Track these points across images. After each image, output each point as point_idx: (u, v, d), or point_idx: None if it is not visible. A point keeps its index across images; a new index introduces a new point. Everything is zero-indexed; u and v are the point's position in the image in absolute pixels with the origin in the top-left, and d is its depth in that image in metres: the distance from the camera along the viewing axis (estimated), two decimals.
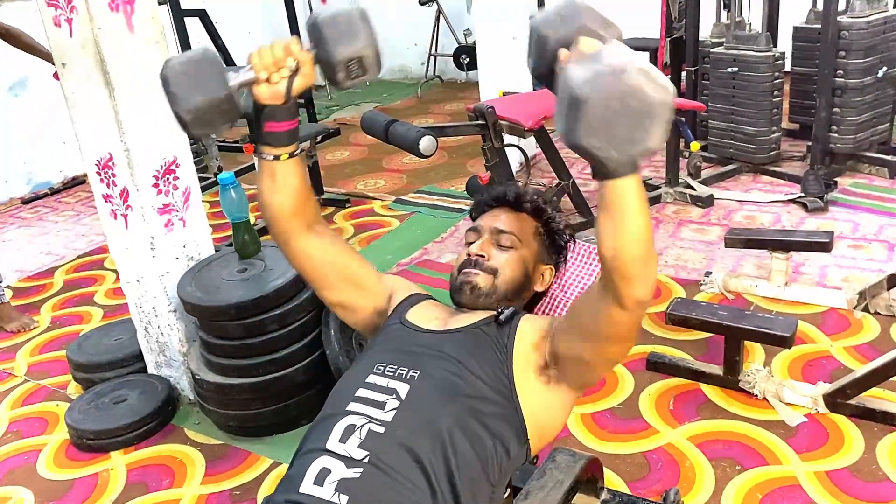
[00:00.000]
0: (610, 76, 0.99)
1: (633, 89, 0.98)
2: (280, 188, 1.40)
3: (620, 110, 0.99)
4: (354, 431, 1.24)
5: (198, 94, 1.23)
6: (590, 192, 4.29)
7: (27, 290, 3.96)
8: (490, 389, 1.31)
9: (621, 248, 1.11)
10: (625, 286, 1.14)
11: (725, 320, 2.42)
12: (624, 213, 1.09)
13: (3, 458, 2.63)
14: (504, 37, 4.46)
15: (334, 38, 1.26)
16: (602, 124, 1.00)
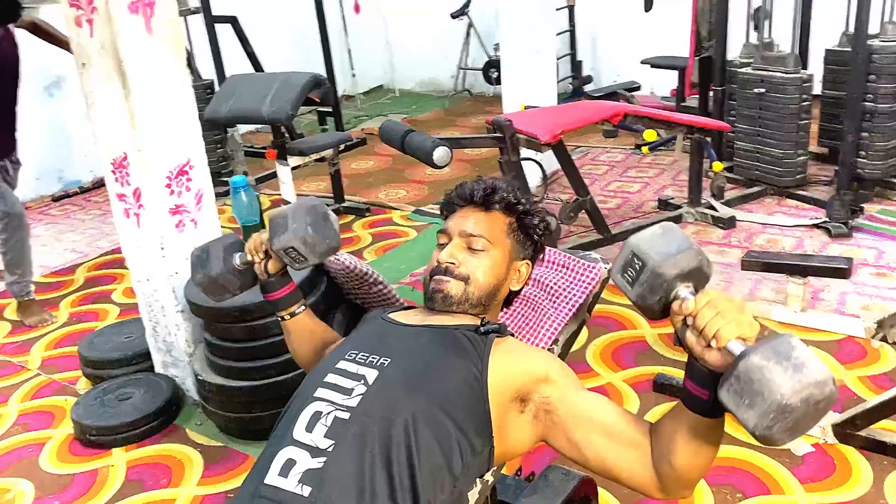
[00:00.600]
0: (816, 388, 0.97)
1: (830, 401, 0.98)
2: (297, 339, 1.64)
3: (811, 415, 0.99)
4: (320, 419, 1.22)
5: (206, 270, 1.58)
6: (609, 209, 4.26)
7: (49, 286, 4.02)
8: (461, 384, 1.27)
9: (692, 473, 1.15)
10: (676, 489, 1.18)
11: None
12: (709, 448, 1.12)
13: (8, 449, 2.66)
14: (528, 50, 4.45)
15: (272, 232, 1.50)
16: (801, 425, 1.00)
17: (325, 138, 4.42)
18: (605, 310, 3.19)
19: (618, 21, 6.41)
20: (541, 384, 1.29)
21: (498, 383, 1.30)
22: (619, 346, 2.93)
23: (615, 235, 3.82)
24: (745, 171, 4.30)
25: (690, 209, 4.03)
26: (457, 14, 6.98)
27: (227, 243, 1.60)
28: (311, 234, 1.47)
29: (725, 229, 3.87)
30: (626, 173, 4.92)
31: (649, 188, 4.59)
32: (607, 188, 4.68)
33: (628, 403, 2.57)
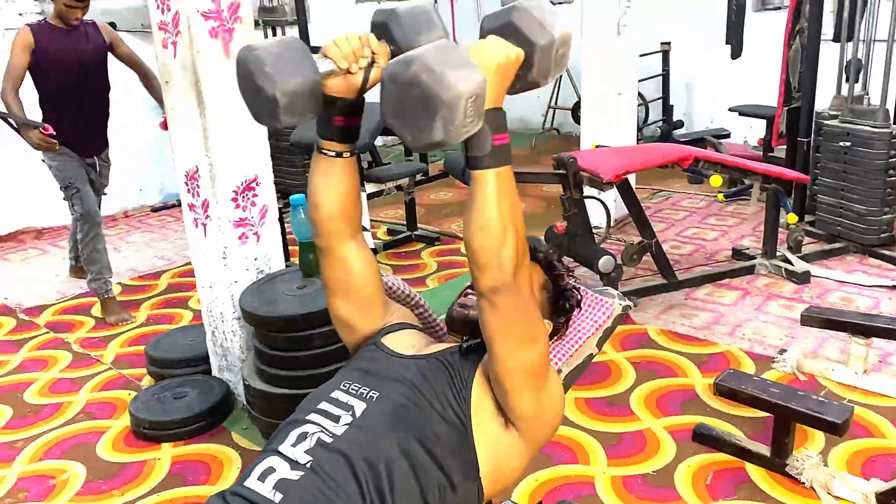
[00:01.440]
0: (400, 64, 1.10)
1: (414, 80, 1.08)
2: (336, 186, 1.41)
3: (406, 97, 1.10)
4: (306, 438, 1.29)
5: (293, 75, 1.21)
6: (680, 255, 4.18)
7: (134, 289, 4.29)
8: (442, 419, 1.32)
9: (471, 234, 1.20)
10: (478, 275, 1.22)
11: (774, 398, 2.29)
12: (476, 202, 1.19)
13: (72, 434, 2.85)
14: (609, 92, 4.47)
15: (413, 30, 1.30)
16: (396, 108, 1.12)
17: (402, 168, 4.55)
18: (656, 355, 3.14)
19: (712, 67, 6.32)
20: None
21: (480, 399, 1.34)
22: (666, 392, 2.87)
23: (681, 282, 3.75)
24: (826, 226, 4.14)
25: (764, 261, 3.91)
26: None
27: (300, 43, 1.27)
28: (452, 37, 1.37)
29: (799, 284, 3.73)
30: (706, 220, 4.82)
31: (726, 237, 4.48)
32: (683, 234, 4.59)
33: (664, 450, 2.52)
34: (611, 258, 3.35)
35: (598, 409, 2.79)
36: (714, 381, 2.45)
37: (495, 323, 1.26)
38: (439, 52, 1.11)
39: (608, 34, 4.37)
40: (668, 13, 6.53)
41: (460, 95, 1.08)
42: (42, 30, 3.61)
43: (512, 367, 1.29)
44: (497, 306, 1.24)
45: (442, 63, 1.09)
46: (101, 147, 3.92)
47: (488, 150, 1.18)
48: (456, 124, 1.10)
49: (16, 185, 5.05)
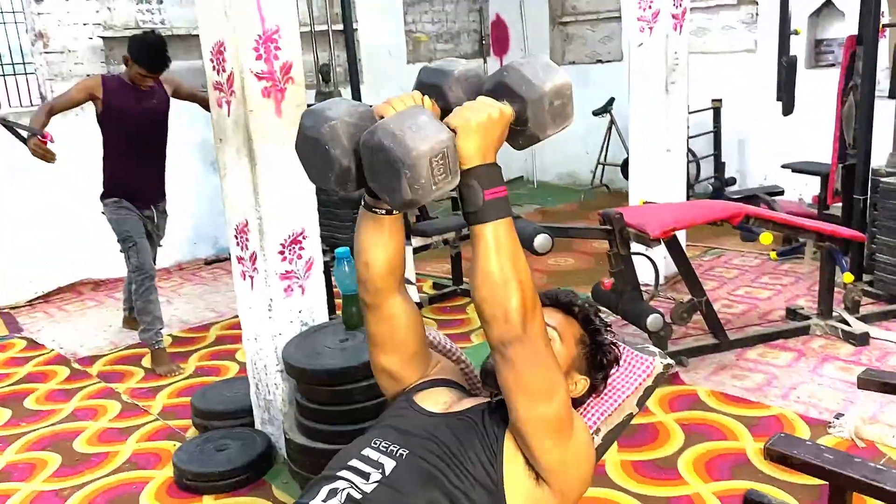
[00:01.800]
0: (369, 134, 1.21)
1: (377, 146, 1.19)
2: (385, 244, 1.44)
3: (375, 162, 1.20)
4: (337, 495, 1.29)
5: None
6: (732, 314, 4.09)
7: (184, 340, 4.37)
8: (472, 478, 1.30)
9: (474, 287, 1.25)
10: (485, 326, 1.26)
11: (829, 464, 2.18)
12: (476, 257, 1.25)
13: (117, 483, 2.88)
14: (658, 149, 4.45)
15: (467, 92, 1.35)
16: (371, 172, 1.22)
17: (448, 222, 4.58)
18: (706, 417, 3.04)
19: (766, 124, 6.26)
20: None
21: (511, 455, 1.32)
22: (716, 456, 2.77)
23: (733, 341, 3.65)
24: (886, 286, 4.00)
25: (819, 321, 3.79)
26: (599, 112, 7.08)
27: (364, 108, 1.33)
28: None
29: (857, 346, 3.60)
30: (759, 279, 4.71)
31: (780, 296, 4.37)
32: (735, 292, 4.49)
33: None
34: (659, 316, 3.29)
35: (644, 472, 2.70)
36: (765, 444, 2.36)
37: (509, 376, 1.27)
38: (401, 117, 1.21)
39: (656, 91, 4.37)
40: (720, 70, 6.53)
41: (421, 155, 1.16)
42: (114, 83, 3.78)
43: (529, 420, 1.28)
44: (508, 359, 1.25)
45: (402, 127, 1.18)
46: (159, 199, 4.06)
47: (481, 205, 1.23)
48: (422, 183, 1.17)
49: (75, 238, 5.23)
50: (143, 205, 3.95)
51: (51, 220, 5.18)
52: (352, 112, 1.31)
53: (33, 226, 5.14)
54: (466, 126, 1.23)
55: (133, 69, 3.70)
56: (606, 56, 7.67)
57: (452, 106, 1.32)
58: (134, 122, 3.78)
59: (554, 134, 1.33)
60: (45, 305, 5.16)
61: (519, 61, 1.31)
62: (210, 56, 2.69)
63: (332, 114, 1.30)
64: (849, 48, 4.21)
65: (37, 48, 5.14)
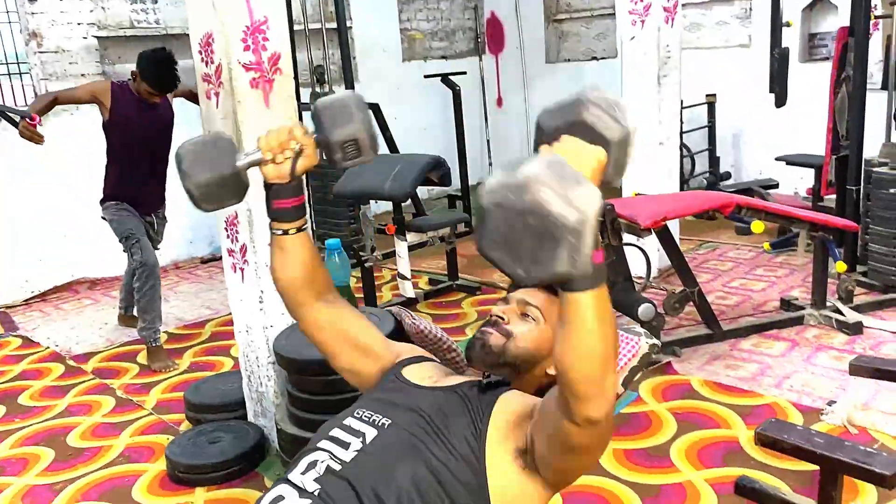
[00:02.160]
0: (512, 189, 0.95)
1: (533, 207, 0.94)
2: (290, 261, 1.50)
3: (521, 228, 0.96)
4: (315, 466, 1.29)
5: (206, 171, 1.36)
6: (726, 305, 4.09)
7: (180, 337, 4.37)
8: (455, 452, 1.29)
9: (572, 364, 1.08)
10: (575, 403, 1.11)
11: (819, 448, 2.18)
12: (577, 329, 1.06)
13: (109, 477, 2.88)
14: (651, 142, 4.45)
15: (330, 122, 1.37)
16: (503, 239, 0.97)
17: (443, 218, 4.58)
18: (699, 406, 3.04)
19: (760, 118, 6.26)
20: (529, 423, 1.30)
21: (497, 437, 1.31)
22: (708, 444, 2.77)
23: (726, 332, 3.65)
24: (879, 276, 4.00)
25: (813, 311, 3.79)
26: None
27: (221, 139, 1.43)
28: (373, 126, 1.38)
29: (850, 335, 3.60)
30: (753, 271, 4.71)
31: (774, 287, 4.37)
32: (729, 284, 4.49)
33: (705, 503, 2.42)
34: (651, 306, 3.29)
35: (636, 460, 2.70)
36: (756, 430, 2.36)
37: (577, 446, 1.19)
38: (552, 169, 0.97)
39: (648, 84, 4.38)
40: (714, 65, 6.53)
41: (587, 220, 0.95)
42: (122, 93, 3.80)
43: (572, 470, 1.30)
44: (589, 436, 1.17)
45: (561, 183, 0.96)
46: (160, 206, 4.08)
47: (590, 270, 1.02)
48: (583, 252, 0.97)
49: (72, 238, 5.23)
50: (144, 211, 3.97)
51: (47, 220, 5.18)
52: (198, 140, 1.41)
53: (30, 225, 5.14)
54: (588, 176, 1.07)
55: (141, 85, 3.72)
56: (601, 53, 7.67)
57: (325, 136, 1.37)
58: (139, 132, 3.80)
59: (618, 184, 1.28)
60: (42, 304, 5.16)
61: (592, 95, 1.16)
62: (199, 48, 2.70)
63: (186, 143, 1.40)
64: (841, 39, 4.22)
65: (31, 48, 5.15)
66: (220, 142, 1.42)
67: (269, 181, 1.43)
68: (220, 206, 1.44)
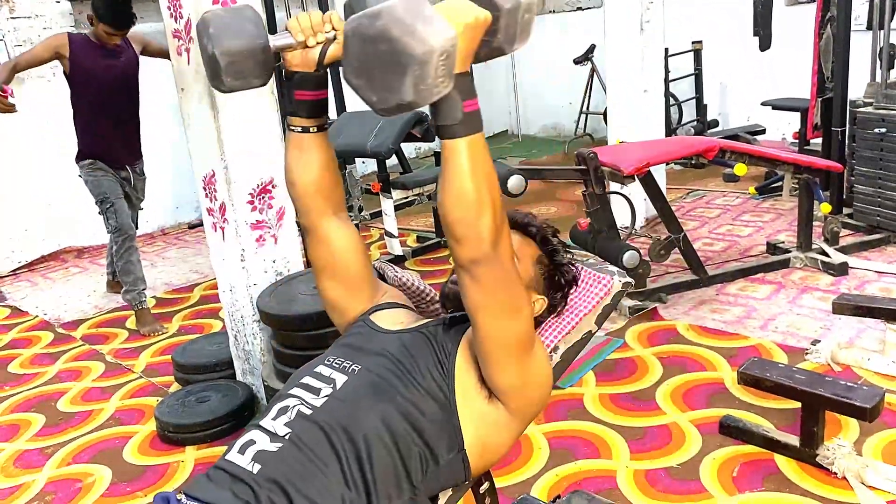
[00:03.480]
0: (366, 18, 1.02)
1: (382, 34, 1.01)
2: (308, 163, 1.41)
3: (373, 54, 1.02)
4: (287, 412, 1.29)
5: (238, 38, 1.25)
6: (713, 251, 4.09)
7: (168, 301, 4.37)
8: (424, 391, 1.30)
9: (447, 207, 1.15)
10: (455, 247, 1.18)
11: (800, 384, 2.21)
12: (450, 173, 1.14)
13: (100, 439, 2.90)
14: (635, 90, 4.41)
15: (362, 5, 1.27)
16: (359, 65, 1.04)
17: (428, 174, 4.54)
18: (685, 350, 3.06)
19: (747, 65, 6.20)
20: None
21: (463, 372, 1.32)
22: (693, 386, 2.79)
23: (712, 277, 3.66)
24: (865, 217, 4.00)
25: (799, 254, 3.79)
26: (580, 60, 7.01)
27: (252, 11, 1.32)
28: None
29: (836, 276, 3.61)
30: (740, 217, 4.71)
31: (761, 232, 4.37)
32: (716, 231, 4.49)
33: (690, 443, 2.44)
34: (636, 253, 3.29)
35: (622, 404, 2.72)
36: (738, 369, 2.38)
37: (477, 295, 1.23)
38: (408, 4, 1.03)
39: (631, 30, 4.32)
40: (700, 12, 6.45)
41: (433, 50, 1.01)
42: (81, 42, 3.72)
43: (495, 339, 1.26)
44: (478, 279, 1.21)
45: (413, 16, 1.02)
46: (134, 159, 4.00)
47: (460, 117, 1.12)
48: (428, 83, 1.03)
49: (58, 206, 5.20)
50: (118, 166, 3.91)
51: (31, 190, 5.14)
52: (228, 8, 1.30)
53: (14, 195, 5.10)
54: (457, 27, 1.10)
55: (98, 27, 3.64)
56: (586, 3, 7.57)
57: None
58: (102, 82, 3.73)
59: (514, 50, 1.28)
60: (29, 274, 5.14)
61: None
62: (167, 3, 2.64)
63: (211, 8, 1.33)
64: None
65: (2, 14, 5.04)
66: (248, 11, 1.31)
67: (294, 69, 1.34)
68: (242, 86, 1.31)
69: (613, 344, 3.16)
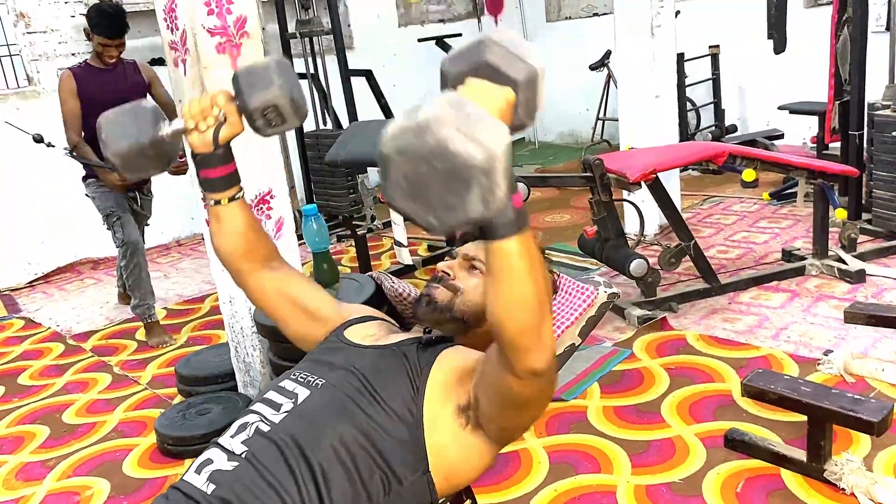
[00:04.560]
0: (413, 132, 0.88)
1: (437, 148, 0.87)
2: (227, 231, 1.47)
3: (427, 173, 0.89)
4: (246, 428, 1.26)
5: (124, 140, 1.33)
6: (728, 259, 4.01)
7: (178, 312, 4.37)
8: (391, 412, 1.25)
9: (506, 316, 1.02)
10: (515, 356, 1.06)
11: (805, 397, 2.13)
12: (506, 279, 1.00)
13: (101, 452, 2.89)
14: (646, 95, 4.34)
15: (249, 88, 1.32)
16: (409, 188, 0.90)
17: None
18: (693, 361, 2.98)
19: (766, 69, 6.09)
20: (472, 378, 1.26)
21: (437, 395, 1.27)
22: (700, 398, 2.72)
23: (725, 285, 3.58)
24: (883, 222, 3.89)
25: (815, 261, 3.70)
26: (596, 66, 6.94)
27: (148, 108, 1.38)
28: (298, 91, 1.32)
29: (853, 283, 3.51)
30: (757, 224, 4.61)
31: (778, 239, 4.27)
32: (732, 238, 4.40)
33: (694, 457, 2.37)
34: (643, 261, 3.23)
35: (625, 416, 2.66)
36: (742, 381, 2.30)
37: (520, 400, 1.16)
38: (454, 108, 0.90)
39: (642, 35, 4.26)
40: (717, 15, 6.35)
41: (495, 157, 0.88)
42: (82, 71, 3.76)
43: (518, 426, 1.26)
44: (532, 388, 1.12)
45: (464, 120, 0.89)
46: (142, 182, 4.03)
47: (511, 215, 0.97)
48: (496, 192, 0.89)
49: (75, 219, 5.24)
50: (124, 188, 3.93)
51: (49, 202, 5.19)
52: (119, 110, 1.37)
53: (32, 208, 5.15)
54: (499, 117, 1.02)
55: (95, 41, 3.68)
56: (603, 9, 7.49)
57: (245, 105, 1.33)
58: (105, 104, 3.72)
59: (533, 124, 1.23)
60: (45, 286, 5.19)
61: (494, 36, 1.11)
62: (164, 15, 2.64)
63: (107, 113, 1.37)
64: None
65: (19, 29, 5.11)
66: (140, 111, 1.38)
67: (196, 151, 1.40)
68: (144, 175, 1.42)
69: (620, 355, 3.09)
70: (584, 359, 3.08)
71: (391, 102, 5.85)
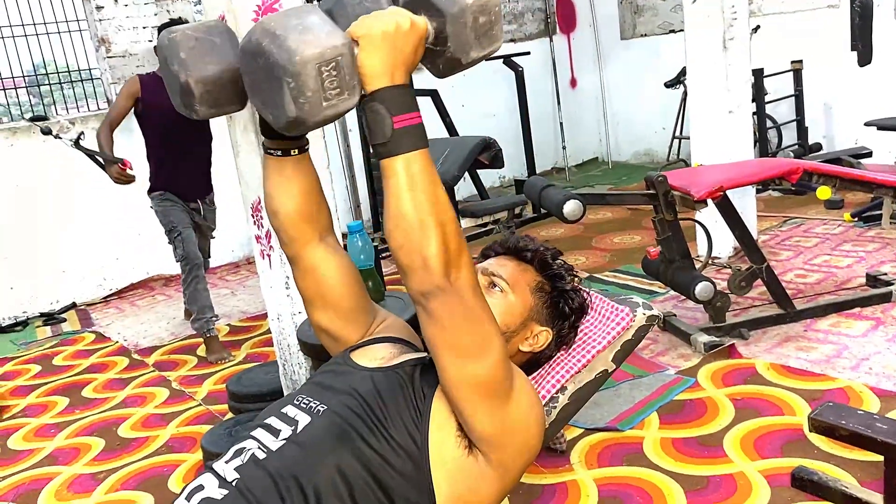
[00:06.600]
0: (246, 36, 1.02)
1: (257, 48, 1.00)
2: (288, 188, 1.29)
3: (256, 69, 1.01)
4: (241, 454, 1.19)
5: (211, 62, 1.15)
6: (806, 283, 3.76)
7: (240, 329, 4.41)
8: (396, 445, 1.16)
9: (387, 233, 1.09)
10: (404, 278, 1.10)
11: (881, 435, 1.92)
12: (388, 195, 1.07)
13: (150, 466, 2.91)
14: (720, 110, 4.15)
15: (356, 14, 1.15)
16: (251, 83, 1.04)
17: (498, 201, 4.43)
18: (762, 392, 2.78)
19: (854, 85, 5.77)
20: None
21: (440, 418, 1.17)
22: (767, 432, 2.52)
23: (801, 311, 3.34)
24: None
25: None
26: (671, 83, 6.73)
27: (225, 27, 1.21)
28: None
29: None
30: (840, 247, 4.32)
31: (863, 263, 3.98)
32: (812, 261, 4.13)
33: (756, 496, 2.19)
34: (709, 285, 3.04)
35: (685, 450, 2.48)
36: (809, 415, 2.11)
37: (433, 332, 1.11)
38: (285, 16, 1.01)
39: (714, 49, 4.08)
40: (800, 29, 6.08)
41: (306, 60, 0.97)
42: (150, 80, 3.86)
43: (459, 381, 1.13)
44: (431, 313, 1.10)
45: (286, 27, 0.99)
46: (205, 192, 4.10)
47: (389, 135, 1.05)
48: (308, 97, 0.99)
49: (147, 236, 5.38)
50: (188, 198, 4.01)
51: (123, 220, 5.34)
52: (198, 26, 1.19)
53: (106, 225, 5.32)
54: (369, 36, 1.05)
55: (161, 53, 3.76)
56: (679, 25, 7.26)
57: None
58: (169, 116, 3.82)
59: (479, 59, 1.15)
60: (119, 302, 5.34)
61: None
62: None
63: (179, 28, 1.20)
64: None
65: (100, 54, 5.32)
66: (218, 28, 1.20)
67: None
68: (217, 113, 1.22)
69: (683, 383, 2.91)
70: (645, 387, 2.91)
71: (461, 122, 5.81)
